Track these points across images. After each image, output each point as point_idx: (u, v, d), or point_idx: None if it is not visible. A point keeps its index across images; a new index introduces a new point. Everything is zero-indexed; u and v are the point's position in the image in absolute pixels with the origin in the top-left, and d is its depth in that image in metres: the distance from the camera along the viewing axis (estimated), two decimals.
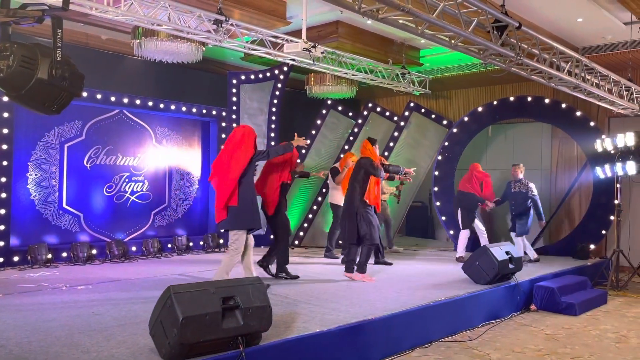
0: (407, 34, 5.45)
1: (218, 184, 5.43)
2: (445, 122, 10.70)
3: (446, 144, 10.02)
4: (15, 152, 7.19)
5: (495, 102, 9.83)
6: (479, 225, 8.51)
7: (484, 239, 8.40)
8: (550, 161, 10.05)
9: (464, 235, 8.52)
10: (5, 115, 6.97)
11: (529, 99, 9.45)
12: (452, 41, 5.29)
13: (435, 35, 5.15)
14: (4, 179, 6.95)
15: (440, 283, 6.40)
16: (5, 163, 6.97)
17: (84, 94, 7.52)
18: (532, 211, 8.27)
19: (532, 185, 8.31)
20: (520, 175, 8.42)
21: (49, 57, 2.08)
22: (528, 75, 6.59)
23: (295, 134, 6.30)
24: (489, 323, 5.88)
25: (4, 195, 6.94)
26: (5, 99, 6.84)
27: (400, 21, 4.61)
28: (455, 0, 4.71)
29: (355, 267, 6.55)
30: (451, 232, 9.66)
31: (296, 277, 6.50)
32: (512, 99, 9.62)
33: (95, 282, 6.19)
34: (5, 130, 6.97)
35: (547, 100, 9.32)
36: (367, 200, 6.50)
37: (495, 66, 6.38)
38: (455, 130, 10.02)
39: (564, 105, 9.18)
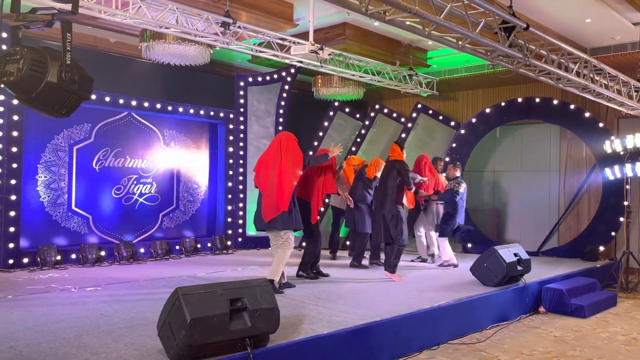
0: (414, 35, 5.45)
1: (272, 186, 5.68)
2: (452, 123, 10.67)
3: (454, 145, 10.00)
4: (25, 155, 7.25)
5: (503, 104, 9.79)
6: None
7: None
8: (559, 162, 9.99)
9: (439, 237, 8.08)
10: (15, 118, 7.03)
11: (537, 100, 9.41)
12: (460, 43, 5.28)
13: (442, 37, 5.14)
14: (13, 181, 7.00)
15: (448, 285, 6.38)
16: (15, 165, 7.03)
17: (93, 97, 7.57)
18: (462, 214, 7.81)
19: (463, 186, 7.77)
20: (457, 174, 7.97)
21: (58, 60, 2.10)
22: (536, 76, 6.56)
23: (332, 143, 6.77)
24: (497, 325, 5.85)
25: (13, 197, 6.99)
26: (15, 102, 6.87)
27: (407, 23, 4.61)
28: (463, 2, 4.70)
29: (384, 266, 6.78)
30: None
31: (326, 275, 6.79)
32: (520, 100, 9.58)
33: (104, 283, 6.23)
34: (15, 133, 7.03)
35: (555, 102, 9.27)
36: (402, 204, 6.83)
37: (502, 67, 6.36)
38: (462, 131, 9.99)
39: (572, 107, 9.13)
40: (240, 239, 9.50)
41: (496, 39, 5.41)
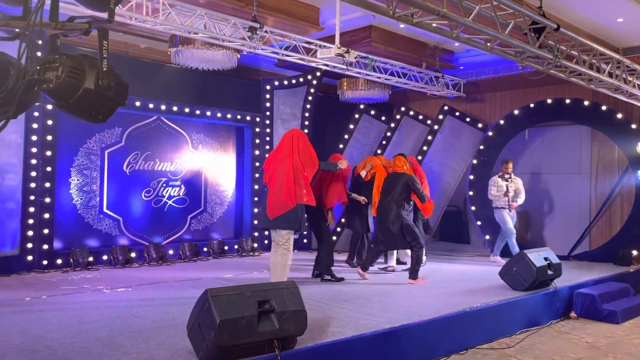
0: (441, 37, 5.42)
1: (280, 183, 5.62)
2: (480, 125, 10.55)
3: (481, 147, 9.88)
4: (58, 158, 7.44)
5: (532, 105, 9.64)
6: None
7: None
8: (590, 165, 9.77)
9: None
10: (49, 122, 7.23)
11: (568, 101, 9.24)
12: (489, 44, 5.22)
13: (470, 39, 5.09)
14: (48, 184, 7.20)
15: (476, 289, 6.31)
16: (49, 169, 7.22)
17: None
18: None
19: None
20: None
21: (95, 67, 2.16)
22: (567, 77, 6.45)
23: (342, 158, 6.96)
24: (527, 330, 5.76)
25: (48, 200, 7.18)
26: (49, 107, 7.10)
27: (435, 25, 4.59)
28: (491, 3, 4.66)
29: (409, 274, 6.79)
30: (487, 237, 9.50)
31: (341, 280, 6.73)
32: (549, 101, 9.42)
33: (134, 284, 6.35)
34: (49, 137, 7.23)
35: (586, 103, 9.08)
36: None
37: (532, 68, 6.27)
38: (490, 133, 9.87)
39: (604, 108, 8.93)
40: (266, 241, 9.56)
41: (526, 40, 5.34)
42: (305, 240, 9.85)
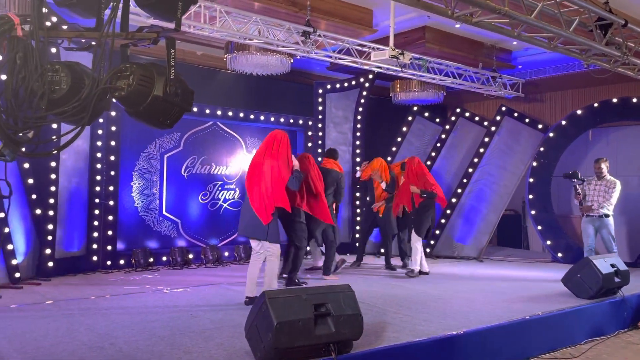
0: (498, 35, 5.27)
1: (265, 190, 5.31)
2: (540, 126, 10.18)
3: (542, 149, 9.53)
4: (121, 163, 7.75)
5: (596, 104, 9.22)
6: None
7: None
8: None
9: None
10: (113, 128, 7.53)
11: (634, 100, 8.77)
12: (551, 42, 5.03)
13: (532, 37, 4.93)
14: (111, 188, 7.50)
15: (537, 296, 6.09)
16: (112, 173, 7.53)
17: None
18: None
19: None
20: None
21: (163, 75, 2.24)
22: (635, 75, 6.14)
23: (309, 156, 6.76)
24: (592, 340, 5.49)
25: (111, 202, 7.49)
26: (113, 113, 7.41)
27: (495, 24, 4.47)
28: (555, 0, 4.49)
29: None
30: (548, 242, 9.16)
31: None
32: (615, 100, 8.98)
33: (192, 285, 6.51)
34: (112, 143, 7.54)
35: None
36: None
37: (598, 66, 6.00)
38: (551, 134, 9.51)
39: None
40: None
41: (591, 37, 5.11)
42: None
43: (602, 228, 7.33)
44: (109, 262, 7.46)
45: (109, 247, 7.48)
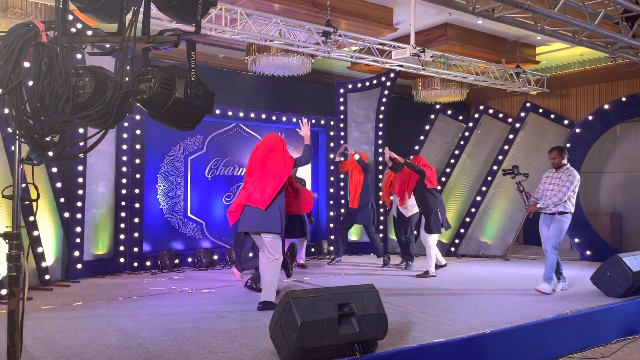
0: (521, 31, 5.18)
1: (267, 183, 5.16)
2: (566, 122, 9.99)
3: (568, 145, 9.34)
4: (146, 166, 7.87)
5: (624, 99, 9.00)
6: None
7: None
8: None
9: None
10: (138, 132, 7.65)
11: None
12: (576, 36, 4.93)
13: (556, 31, 4.84)
14: (137, 190, 7.62)
15: (565, 295, 5.98)
16: (138, 176, 7.64)
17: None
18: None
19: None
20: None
21: (184, 77, 2.27)
22: None
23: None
24: (623, 339, 5.35)
25: (137, 205, 7.60)
26: (138, 117, 7.52)
27: (517, 19, 4.40)
28: None
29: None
30: (576, 240, 8.97)
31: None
32: None
33: (217, 286, 6.57)
34: (137, 146, 7.65)
35: None
36: None
37: (624, 60, 5.85)
38: (578, 130, 9.32)
39: None
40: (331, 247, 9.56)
41: (617, 30, 4.99)
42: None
43: (553, 224, 6.21)
44: (135, 264, 7.57)
45: (136, 249, 7.59)
